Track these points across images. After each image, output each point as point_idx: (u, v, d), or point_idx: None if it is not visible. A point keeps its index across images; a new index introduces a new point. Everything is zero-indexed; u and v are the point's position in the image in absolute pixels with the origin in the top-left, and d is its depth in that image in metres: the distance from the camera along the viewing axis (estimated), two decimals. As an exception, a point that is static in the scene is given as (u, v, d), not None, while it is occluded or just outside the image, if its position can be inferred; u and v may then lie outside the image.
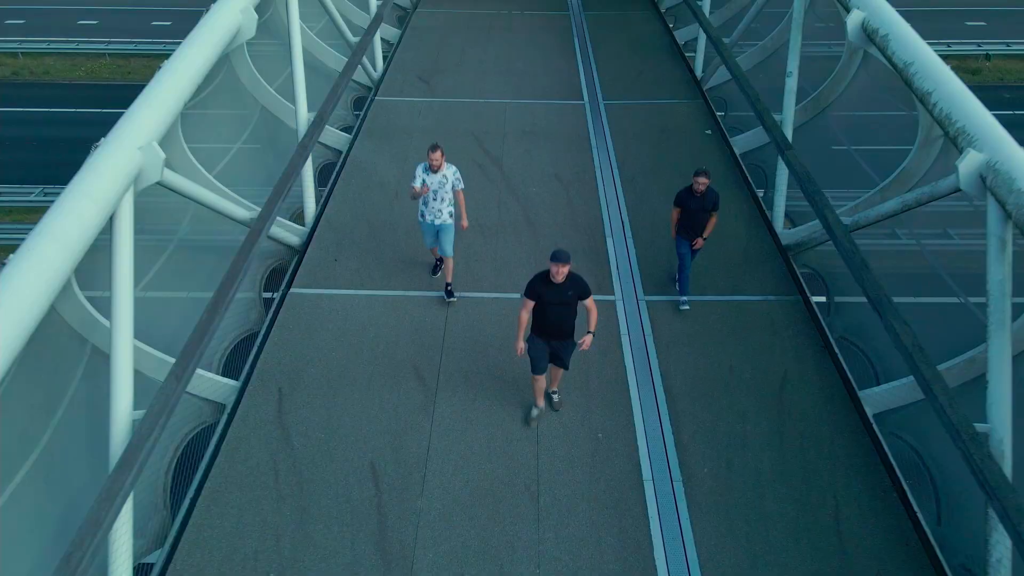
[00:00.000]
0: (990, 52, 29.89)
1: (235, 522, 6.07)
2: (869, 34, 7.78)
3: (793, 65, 9.65)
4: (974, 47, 30.46)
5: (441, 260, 8.43)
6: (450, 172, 7.88)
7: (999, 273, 5.59)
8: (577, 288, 6.44)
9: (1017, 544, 4.72)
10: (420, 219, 8.08)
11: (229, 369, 7.65)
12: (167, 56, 7.57)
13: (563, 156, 11.12)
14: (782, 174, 9.36)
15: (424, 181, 7.81)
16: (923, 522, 6.06)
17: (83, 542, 4.60)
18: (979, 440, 5.27)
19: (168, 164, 6.37)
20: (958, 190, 6.00)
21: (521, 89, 13.28)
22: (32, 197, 20.69)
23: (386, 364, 7.55)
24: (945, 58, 7.06)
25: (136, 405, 5.60)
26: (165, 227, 8.01)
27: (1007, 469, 5.32)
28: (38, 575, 5.13)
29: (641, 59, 14.46)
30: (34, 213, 20.55)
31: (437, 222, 7.97)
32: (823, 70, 9.96)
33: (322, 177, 10.75)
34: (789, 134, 9.36)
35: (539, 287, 6.41)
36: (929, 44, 7.16)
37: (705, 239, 8.14)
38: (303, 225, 9.49)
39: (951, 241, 8.39)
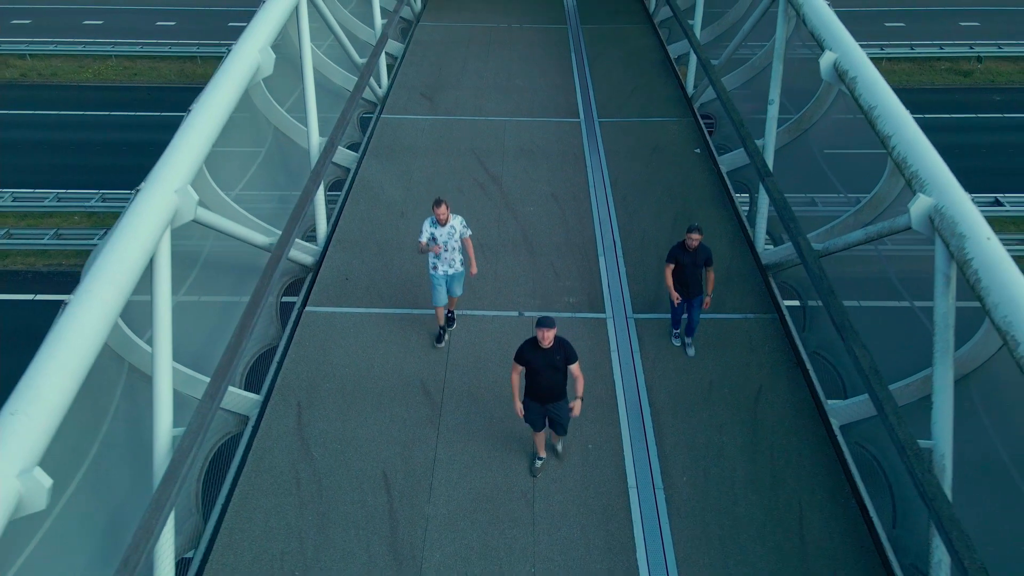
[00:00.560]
0: (982, 55, 30.38)
1: (262, 526, 6.79)
2: (840, 74, 8.42)
3: (775, 93, 10.27)
4: (967, 49, 30.94)
5: (445, 328, 8.68)
6: (457, 222, 8.12)
7: (943, 306, 6.27)
8: (564, 352, 6.69)
9: (949, 549, 5.42)
10: (432, 271, 8.23)
11: (250, 382, 8.35)
12: (172, 59, 8.10)
13: (559, 175, 11.77)
14: (763, 198, 10.01)
15: (434, 236, 8.03)
16: (878, 526, 6.78)
17: (138, 547, 5.31)
18: (922, 455, 5.97)
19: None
20: (910, 228, 6.67)
21: (520, 106, 13.91)
22: (47, 203, 21.27)
23: (395, 380, 8.25)
24: (937, 60, 7.59)
25: (174, 420, 6.30)
26: (187, 247, 8.67)
27: (948, 481, 6.02)
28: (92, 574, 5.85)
29: (635, 75, 15.08)
30: (49, 218, 21.20)
31: (451, 271, 8.22)
32: (807, 91, 10.58)
33: (330, 191, 11.40)
34: (770, 160, 10.02)
35: (528, 353, 6.69)
36: (922, 45, 7.67)
37: (710, 295, 8.36)
38: (315, 243, 10.17)
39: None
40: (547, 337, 6.51)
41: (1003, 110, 28.07)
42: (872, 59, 8.50)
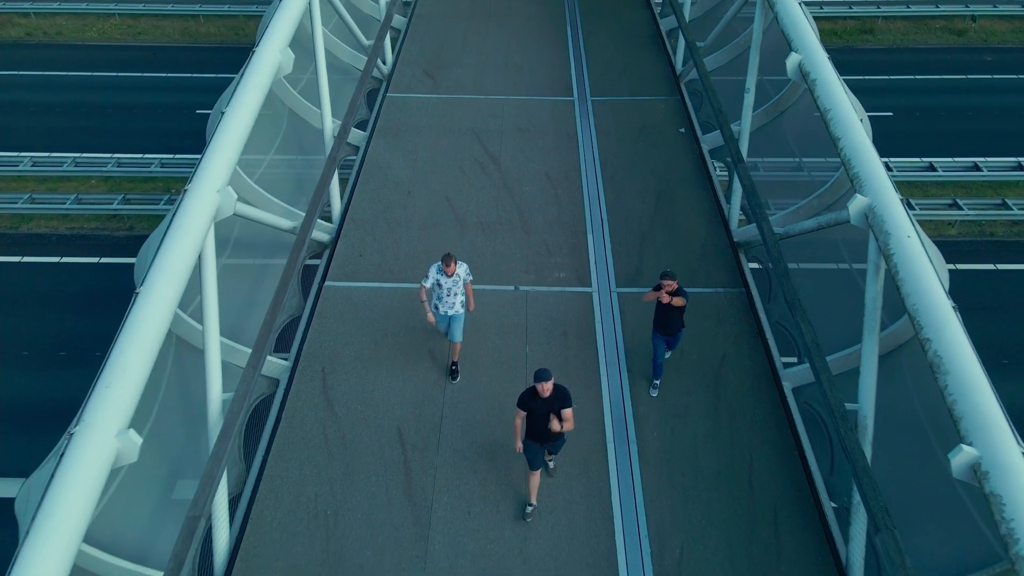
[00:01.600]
0: (976, 13, 30.67)
1: (298, 473, 8.07)
2: (804, 75, 9.34)
3: (751, 82, 11.18)
4: (962, 7, 31.20)
5: (456, 366, 9.17)
6: (462, 270, 8.64)
7: (872, 291, 7.39)
8: (561, 399, 7.27)
9: (860, 493, 6.67)
10: (434, 310, 8.81)
11: (277, 348, 9.53)
12: (175, 17, 8.85)
13: (553, 154, 12.74)
14: (737, 181, 11.01)
15: (439, 282, 8.60)
16: (815, 474, 8.05)
17: (204, 490, 6.57)
18: (847, 416, 7.19)
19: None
20: (849, 222, 7.74)
21: (518, 84, 14.76)
22: (65, 167, 22.14)
23: (406, 347, 9.44)
24: (932, 18, 8.30)
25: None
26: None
27: (869, 438, 7.24)
28: (161, 517, 7.12)
29: (627, 51, 15.84)
30: (68, 182, 22.09)
31: (451, 313, 8.76)
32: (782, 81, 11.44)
33: (341, 169, 12.36)
34: (745, 146, 10.99)
35: (529, 401, 7.28)
36: (917, 3, 8.37)
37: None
38: (330, 222, 11.23)
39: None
40: (545, 389, 7.09)
41: (992, 71, 28.54)
42: (868, 18, 9.24)
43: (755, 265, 10.70)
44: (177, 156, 22.60)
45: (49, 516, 5.18)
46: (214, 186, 7.68)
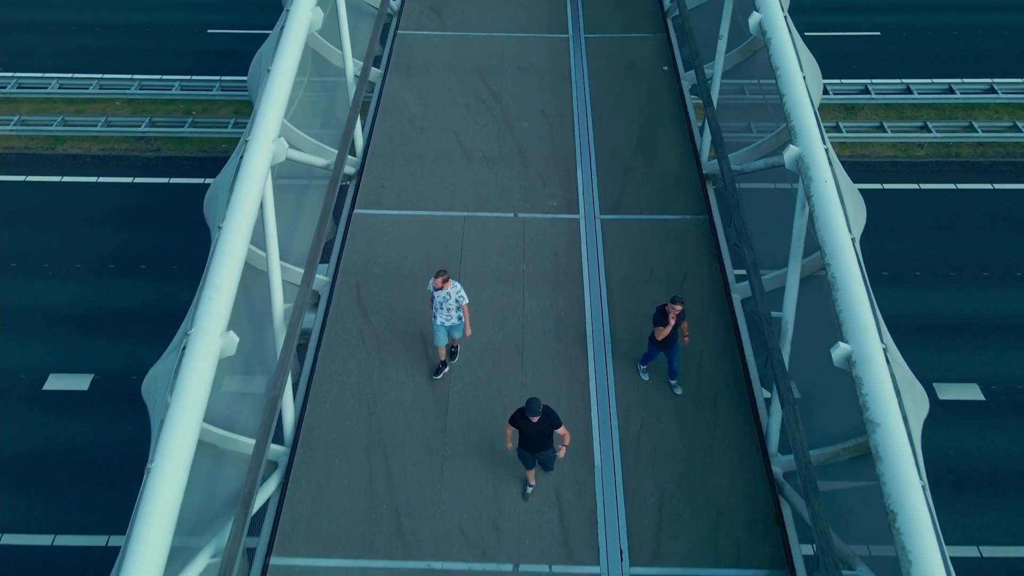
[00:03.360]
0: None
1: (342, 366, 10.23)
2: (762, 32, 10.85)
3: (724, 29, 12.62)
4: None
5: (445, 362, 10.15)
6: (454, 291, 9.55)
7: (798, 224, 9.26)
8: (550, 421, 8.26)
9: (773, 379, 8.80)
10: (434, 320, 9.73)
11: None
12: None
13: (549, 93, 14.29)
14: (711, 118, 12.63)
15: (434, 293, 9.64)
16: (751, 366, 10.19)
17: (277, 382, 8.71)
18: (772, 321, 9.25)
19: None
20: (783, 166, 9.52)
21: (518, 20, 16.05)
22: (91, 90, 23.45)
23: (424, 265, 11.40)
24: None
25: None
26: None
27: (789, 338, 9.29)
28: (243, 398, 9.29)
29: (619, -14, 17.01)
30: (94, 104, 23.45)
31: (448, 324, 9.73)
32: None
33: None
34: (716, 88, 12.55)
35: (520, 421, 8.23)
36: None
37: (686, 335, 9.94)
38: (355, 156, 12.96)
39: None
40: (534, 420, 8.12)
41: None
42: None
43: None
44: (194, 78, 23.89)
45: (181, 397, 7.25)
46: (269, 137, 9.42)
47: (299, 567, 8.44)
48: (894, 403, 7.16)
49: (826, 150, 9.25)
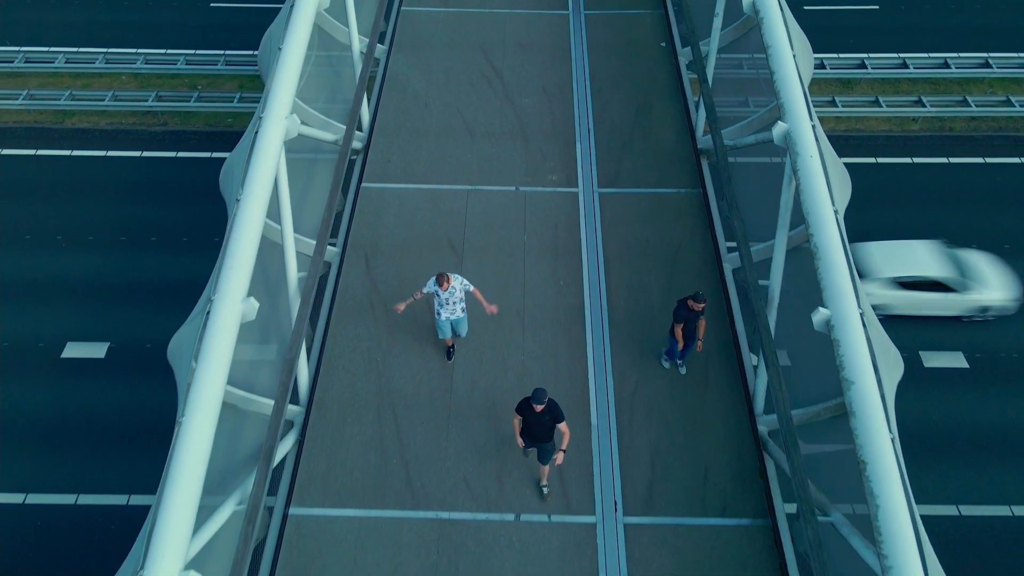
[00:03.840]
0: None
1: (353, 332, 10.80)
2: (756, 11, 11.23)
3: (720, 7, 12.97)
4: None
5: (454, 346, 10.56)
6: (458, 283, 9.83)
7: (786, 197, 9.75)
8: (553, 414, 8.51)
9: (759, 342, 9.36)
10: (437, 316, 10.09)
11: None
12: None
13: (549, 69, 14.67)
14: (706, 94, 13.04)
15: (437, 292, 9.88)
16: (739, 332, 10.76)
17: (294, 343, 9.28)
18: (759, 290, 9.79)
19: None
20: (772, 142, 9.99)
21: (519, -4, 16.38)
22: (97, 64, 23.74)
23: (429, 237, 11.92)
24: None
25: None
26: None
27: (775, 304, 9.84)
28: (260, 364, 9.86)
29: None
30: (100, 78, 23.75)
31: (453, 318, 10.08)
32: None
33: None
34: (711, 69, 12.94)
35: (524, 411, 8.57)
36: None
37: (702, 339, 10.14)
38: (361, 131, 13.40)
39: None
40: (539, 408, 8.41)
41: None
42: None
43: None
44: (199, 52, 24.16)
45: (208, 355, 7.82)
46: (282, 114, 9.87)
47: (316, 516, 9.10)
48: (868, 363, 7.72)
49: (813, 126, 9.70)
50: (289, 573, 8.70)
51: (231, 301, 8.22)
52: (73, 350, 16.69)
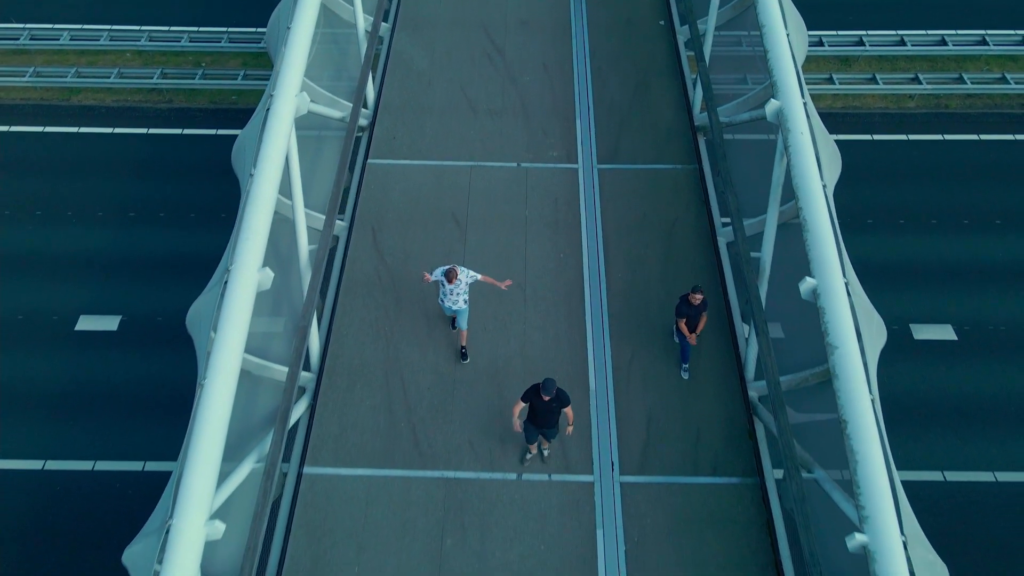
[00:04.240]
0: None
1: (362, 303, 11.25)
2: (752, -9, 11.52)
3: (717, -7, 13.23)
4: None
5: (465, 349, 10.69)
6: (464, 277, 10.05)
7: (777, 173, 10.13)
8: (560, 401, 8.81)
9: (750, 312, 9.80)
10: (440, 302, 10.42)
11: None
12: None
13: (550, 47, 14.95)
14: (703, 72, 13.36)
15: (442, 282, 10.13)
16: (732, 302, 11.20)
17: (306, 313, 9.73)
18: (751, 262, 10.21)
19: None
20: (765, 119, 10.34)
21: (520, -28, 16.57)
22: (102, 41, 23.94)
23: (433, 212, 12.32)
24: None
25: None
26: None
27: (766, 275, 10.26)
28: (273, 336, 10.31)
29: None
30: (105, 56, 23.97)
31: (455, 308, 10.30)
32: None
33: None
34: (708, 48, 13.24)
35: (532, 397, 8.81)
36: None
37: (698, 334, 10.46)
38: (367, 108, 13.73)
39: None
40: (547, 398, 8.69)
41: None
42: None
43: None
44: (202, 29, 24.34)
45: (226, 322, 8.26)
46: (292, 92, 10.23)
47: (328, 475, 9.61)
48: (851, 329, 8.17)
49: (804, 104, 10.06)
50: (304, 528, 9.23)
51: (248, 271, 8.65)
52: (86, 323, 17.17)
